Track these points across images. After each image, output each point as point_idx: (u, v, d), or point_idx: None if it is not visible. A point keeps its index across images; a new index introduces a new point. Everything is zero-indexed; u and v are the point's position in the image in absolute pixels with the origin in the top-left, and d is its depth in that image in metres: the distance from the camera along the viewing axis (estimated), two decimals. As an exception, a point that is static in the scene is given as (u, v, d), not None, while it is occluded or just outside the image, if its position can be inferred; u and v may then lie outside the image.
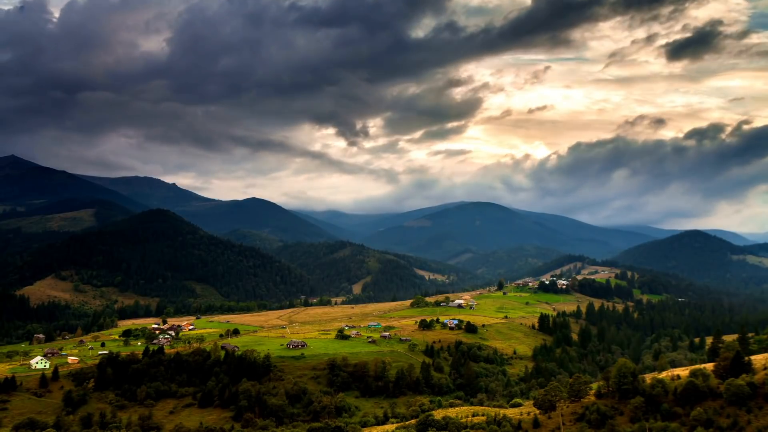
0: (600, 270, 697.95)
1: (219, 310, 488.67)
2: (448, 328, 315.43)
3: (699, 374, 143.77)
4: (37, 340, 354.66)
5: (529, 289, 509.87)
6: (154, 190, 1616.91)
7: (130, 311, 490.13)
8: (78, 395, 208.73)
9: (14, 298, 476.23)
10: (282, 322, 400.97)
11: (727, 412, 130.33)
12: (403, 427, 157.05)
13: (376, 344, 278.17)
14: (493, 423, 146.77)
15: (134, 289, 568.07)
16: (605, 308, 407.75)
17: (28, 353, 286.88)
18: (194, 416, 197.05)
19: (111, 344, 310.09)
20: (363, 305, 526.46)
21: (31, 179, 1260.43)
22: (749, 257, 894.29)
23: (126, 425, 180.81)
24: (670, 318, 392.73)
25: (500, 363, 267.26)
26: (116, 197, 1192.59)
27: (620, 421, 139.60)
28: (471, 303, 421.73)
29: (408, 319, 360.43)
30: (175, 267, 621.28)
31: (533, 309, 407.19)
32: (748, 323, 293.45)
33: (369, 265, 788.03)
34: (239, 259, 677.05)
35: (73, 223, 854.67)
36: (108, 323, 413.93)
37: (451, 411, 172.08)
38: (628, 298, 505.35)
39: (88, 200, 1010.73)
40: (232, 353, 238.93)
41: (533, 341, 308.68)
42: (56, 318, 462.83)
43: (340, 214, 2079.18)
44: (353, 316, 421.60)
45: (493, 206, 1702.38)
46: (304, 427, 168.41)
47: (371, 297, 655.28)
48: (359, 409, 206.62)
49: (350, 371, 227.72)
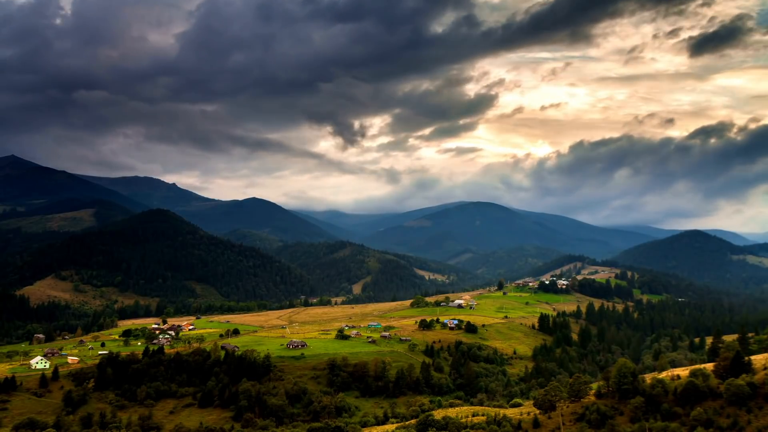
0: (600, 270, 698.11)
1: (219, 310, 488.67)
2: (448, 328, 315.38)
3: (699, 374, 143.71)
4: (37, 340, 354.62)
5: (529, 289, 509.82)
6: (154, 190, 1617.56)
7: (130, 311, 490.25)
8: (78, 395, 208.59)
9: (14, 298, 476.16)
10: (282, 322, 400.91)
11: (727, 412, 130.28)
12: (403, 427, 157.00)
13: (376, 344, 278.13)
14: (493, 423, 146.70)
15: (134, 289, 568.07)
16: (605, 308, 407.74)
17: (28, 353, 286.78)
18: (194, 416, 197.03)
19: (111, 344, 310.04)
20: (363, 305, 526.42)
21: (31, 179, 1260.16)
22: (749, 257, 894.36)
23: (126, 425, 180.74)
24: (670, 318, 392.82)
25: (500, 363, 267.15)
26: (116, 197, 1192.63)
27: (620, 421, 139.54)
28: (471, 303, 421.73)
29: (408, 319, 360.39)
30: (175, 267, 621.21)
31: (533, 309, 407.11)
32: (748, 323, 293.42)
33: (369, 265, 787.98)
34: (239, 259, 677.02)
35: (73, 223, 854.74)
36: (108, 323, 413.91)
37: (451, 411, 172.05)
38: (628, 298, 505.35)
39: (88, 200, 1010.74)
40: (232, 353, 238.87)
41: (533, 341, 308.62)
42: (56, 318, 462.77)
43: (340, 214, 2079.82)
44: (353, 316, 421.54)
45: (493, 206, 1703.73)
46: (304, 427, 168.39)
47: (371, 297, 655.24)
48: (359, 409, 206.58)
49: (350, 371, 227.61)
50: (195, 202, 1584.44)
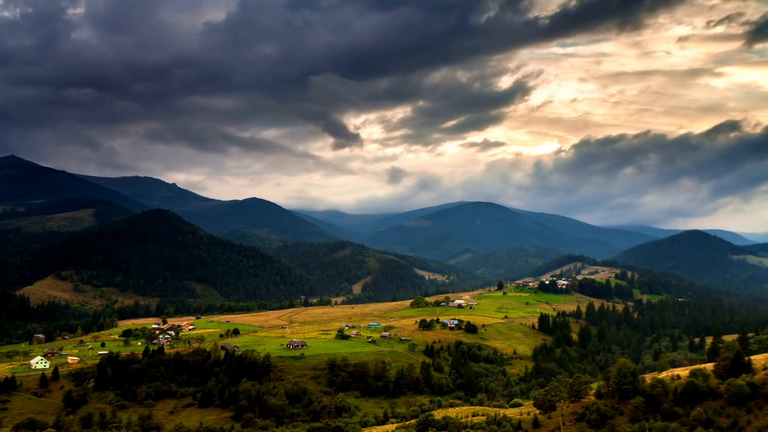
0: (600, 270, 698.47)
1: (219, 310, 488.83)
2: (448, 328, 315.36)
3: (699, 374, 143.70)
4: (37, 340, 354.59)
5: (529, 289, 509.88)
6: (154, 190, 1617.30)
7: (130, 311, 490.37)
8: (78, 395, 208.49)
9: (14, 298, 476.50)
10: (282, 322, 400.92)
11: (727, 412, 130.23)
12: (403, 427, 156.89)
13: (376, 344, 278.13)
14: (493, 423, 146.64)
15: (134, 289, 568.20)
16: (605, 308, 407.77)
17: (28, 353, 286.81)
18: (194, 416, 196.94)
19: (111, 344, 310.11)
20: (363, 305, 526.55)
21: (31, 179, 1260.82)
22: (749, 257, 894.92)
23: (126, 425, 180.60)
24: (670, 318, 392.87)
25: (500, 363, 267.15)
26: (116, 197, 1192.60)
27: (620, 421, 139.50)
28: (471, 303, 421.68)
29: (408, 319, 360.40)
30: (175, 267, 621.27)
31: (533, 309, 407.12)
32: (748, 323, 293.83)
33: (369, 265, 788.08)
34: (239, 259, 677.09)
35: (73, 223, 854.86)
36: (108, 323, 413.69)
37: (451, 411, 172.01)
38: (628, 298, 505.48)
39: (88, 200, 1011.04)
40: (232, 353, 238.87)
41: (533, 341, 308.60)
42: (56, 318, 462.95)
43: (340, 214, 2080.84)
44: (353, 316, 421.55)
45: (492, 206, 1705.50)
46: (304, 427, 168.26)
47: (371, 297, 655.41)
48: (359, 409, 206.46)
49: (350, 371, 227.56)
50: (195, 202, 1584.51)
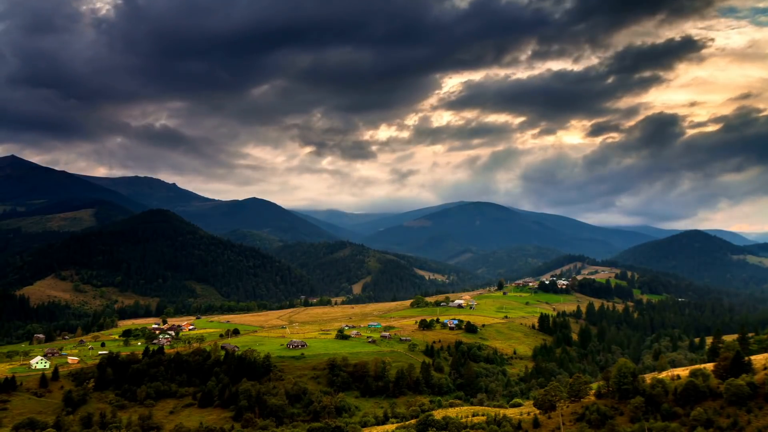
0: (600, 270, 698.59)
1: (219, 310, 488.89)
2: (448, 328, 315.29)
3: (699, 374, 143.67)
4: (37, 340, 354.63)
5: (529, 289, 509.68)
6: (154, 190, 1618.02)
7: (130, 311, 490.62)
8: (78, 395, 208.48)
9: (14, 298, 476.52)
10: (282, 322, 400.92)
11: (727, 412, 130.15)
12: (403, 427, 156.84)
13: (376, 344, 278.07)
14: (493, 423, 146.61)
15: (134, 289, 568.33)
16: (605, 308, 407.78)
17: (28, 353, 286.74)
18: (194, 416, 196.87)
19: (111, 344, 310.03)
20: (363, 305, 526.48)
21: (31, 179, 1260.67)
22: (749, 257, 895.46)
23: (126, 425, 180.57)
24: (670, 318, 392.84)
25: (500, 363, 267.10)
26: (116, 197, 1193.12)
27: (620, 421, 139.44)
28: (471, 303, 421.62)
29: (408, 319, 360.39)
30: (175, 267, 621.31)
31: (533, 309, 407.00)
32: (748, 323, 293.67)
33: (369, 265, 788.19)
34: (239, 259, 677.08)
35: (73, 223, 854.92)
36: (108, 323, 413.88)
37: (451, 411, 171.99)
38: (628, 298, 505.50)
39: (88, 200, 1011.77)
40: (232, 353, 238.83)
41: (533, 341, 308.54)
42: (56, 318, 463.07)
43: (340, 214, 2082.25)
44: (353, 316, 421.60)
45: (492, 206, 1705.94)
46: (304, 427, 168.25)
47: (371, 297, 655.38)
48: (359, 409, 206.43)
49: (350, 371, 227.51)
50: (195, 202, 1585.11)
